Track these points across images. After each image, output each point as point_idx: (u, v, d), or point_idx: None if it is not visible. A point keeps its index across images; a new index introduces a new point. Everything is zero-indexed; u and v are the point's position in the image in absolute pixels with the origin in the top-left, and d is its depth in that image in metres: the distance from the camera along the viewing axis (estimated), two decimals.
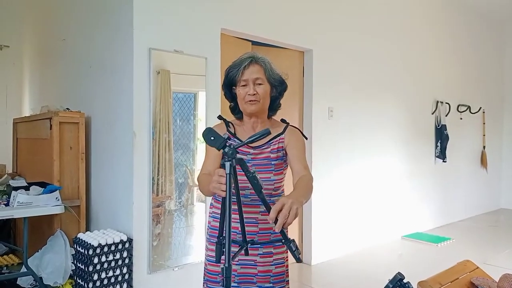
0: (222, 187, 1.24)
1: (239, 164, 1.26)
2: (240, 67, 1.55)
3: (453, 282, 1.75)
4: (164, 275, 2.88)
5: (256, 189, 1.27)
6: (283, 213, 1.16)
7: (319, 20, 3.99)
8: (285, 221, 1.16)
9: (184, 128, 3.04)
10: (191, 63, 3.05)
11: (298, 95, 4.00)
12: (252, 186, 1.27)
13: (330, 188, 4.10)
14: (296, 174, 1.53)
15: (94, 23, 3.27)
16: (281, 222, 1.16)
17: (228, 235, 1.16)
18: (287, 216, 1.16)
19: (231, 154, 1.23)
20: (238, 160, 1.25)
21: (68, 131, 3.07)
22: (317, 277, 3.72)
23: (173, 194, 2.98)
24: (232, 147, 1.24)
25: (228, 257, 1.14)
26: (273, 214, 1.17)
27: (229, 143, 1.24)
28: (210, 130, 1.26)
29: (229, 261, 1.14)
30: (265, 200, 1.30)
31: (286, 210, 1.17)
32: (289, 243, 1.26)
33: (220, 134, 1.25)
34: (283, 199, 1.21)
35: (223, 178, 1.24)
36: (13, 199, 2.72)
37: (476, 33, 6.40)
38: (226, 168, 1.23)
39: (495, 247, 4.65)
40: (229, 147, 1.23)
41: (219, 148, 1.24)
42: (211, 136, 1.25)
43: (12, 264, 3.25)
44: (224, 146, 1.24)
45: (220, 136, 1.24)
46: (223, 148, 1.24)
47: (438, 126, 5.58)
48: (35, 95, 4.82)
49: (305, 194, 1.39)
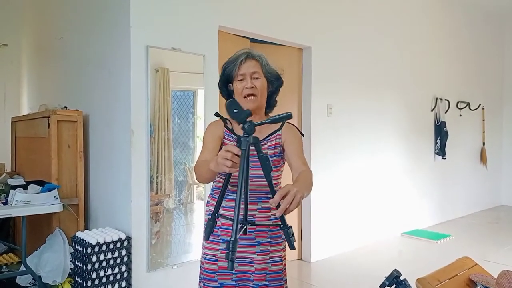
0: (227, 162, 1.22)
1: (254, 142, 1.25)
2: (237, 62, 1.55)
3: (451, 279, 1.75)
4: (163, 273, 2.87)
5: (266, 170, 1.28)
6: (287, 199, 1.18)
7: (318, 17, 3.98)
8: (287, 207, 1.18)
9: (183, 126, 3.04)
10: (189, 61, 3.04)
11: (297, 92, 3.99)
12: (262, 167, 1.28)
13: (329, 185, 4.10)
14: (295, 170, 1.53)
15: (92, 21, 3.26)
16: (283, 207, 1.18)
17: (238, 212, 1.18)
18: (290, 202, 1.18)
19: (249, 131, 1.23)
20: (254, 139, 1.25)
21: (66, 130, 3.06)
22: (317, 275, 3.72)
23: (172, 192, 2.97)
24: (252, 123, 1.23)
25: (236, 232, 1.15)
26: (277, 197, 1.19)
27: (249, 119, 1.24)
28: (234, 102, 1.26)
29: (236, 236, 1.15)
30: (272, 184, 1.30)
31: (291, 196, 1.19)
32: (287, 229, 1.29)
33: (243, 108, 1.25)
34: (288, 186, 1.23)
35: (229, 153, 1.22)
36: (11, 197, 2.72)
37: (475, 29, 6.39)
38: (243, 144, 1.23)
39: (495, 243, 4.65)
40: (249, 123, 1.23)
41: (240, 121, 1.25)
42: (235, 109, 1.25)
43: (11, 263, 3.25)
44: (245, 121, 1.24)
45: (243, 110, 1.24)
46: (244, 123, 1.24)
47: (438, 123, 5.57)
48: (33, 93, 4.81)
49: (307, 187, 1.41)
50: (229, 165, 1.22)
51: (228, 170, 1.24)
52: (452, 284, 1.73)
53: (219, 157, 1.25)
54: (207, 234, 1.43)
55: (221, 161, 1.24)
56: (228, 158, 1.22)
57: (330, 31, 4.10)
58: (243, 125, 1.24)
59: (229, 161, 1.22)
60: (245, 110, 1.25)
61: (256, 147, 1.27)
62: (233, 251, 1.14)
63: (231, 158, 1.22)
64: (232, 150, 1.23)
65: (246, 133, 1.23)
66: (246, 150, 1.23)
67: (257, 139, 1.27)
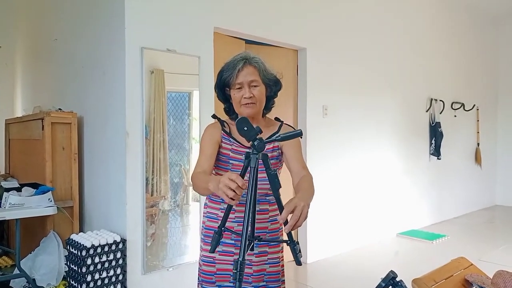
0: (229, 193, 1.16)
1: (262, 159, 1.25)
2: (234, 71, 1.52)
3: (447, 279, 1.76)
4: (158, 275, 2.86)
5: (275, 187, 1.27)
6: (296, 214, 1.18)
7: (313, 19, 3.98)
8: (295, 223, 1.17)
9: (178, 128, 3.02)
10: (184, 62, 3.03)
11: (293, 94, 3.99)
12: (270, 183, 1.27)
13: (325, 186, 4.10)
14: (295, 175, 1.51)
15: (86, 22, 3.24)
16: (292, 224, 1.18)
17: (246, 229, 1.17)
18: (298, 218, 1.18)
19: (259, 148, 1.22)
20: (263, 156, 1.25)
21: (60, 132, 3.04)
22: (313, 276, 3.71)
23: (167, 194, 2.96)
24: (262, 141, 1.23)
25: (244, 251, 1.14)
26: (285, 214, 1.18)
27: (259, 136, 1.23)
28: (244, 120, 1.23)
29: (244, 255, 1.14)
30: (280, 200, 1.29)
31: (298, 211, 1.18)
32: (294, 245, 1.29)
33: (253, 126, 1.23)
34: (295, 200, 1.21)
35: (234, 184, 1.16)
36: (5, 200, 2.69)
37: (470, 30, 6.42)
38: (252, 161, 1.22)
39: (490, 243, 4.67)
40: (259, 140, 1.22)
41: (249, 140, 1.24)
42: (245, 126, 1.23)
43: (5, 266, 3.21)
44: (255, 138, 1.23)
45: (253, 128, 1.23)
46: (253, 141, 1.23)
47: (433, 124, 5.59)
48: (27, 95, 4.78)
49: (311, 195, 1.40)
50: (230, 195, 1.16)
51: (228, 201, 1.18)
52: (448, 285, 1.73)
53: (221, 184, 1.18)
54: (213, 247, 1.38)
55: (223, 188, 1.18)
56: (231, 188, 1.16)
57: (325, 32, 4.11)
58: (252, 143, 1.22)
59: (232, 191, 1.16)
60: (255, 128, 1.23)
61: (265, 163, 1.26)
62: (241, 272, 1.13)
63: (235, 189, 1.16)
64: (237, 181, 1.17)
65: (256, 150, 1.22)
66: (255, 168, 1.22)
67: (266, 156, 1.26)
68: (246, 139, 1.24)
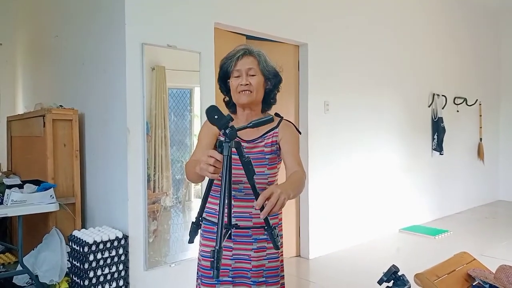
0: (210, 168, 1.22)
1: (235, 147, 1.25)
2: (233, 58, 1.54)
3: (450, 274, 1.75)
4: (161, 271, 2.86)
5: (249, 174, 1.28)
6: (271, 201, 1.18)
7: (314, 14, 3.96)
8: (271, 209, 1.18)
9: (179, 124, 3.02)
10: (185, 59, 3.03)
11: (294, 89, 3.98)
12: (245, 171, 1.28)
13: (327, 182, 4.09)
14: (289, 170, 1.52)
15: (86, 19, 3.23)
16: (267, 210, 1.18)
17: (222, 218, 1.18)
18: (274, 205, 1.18)
19: (231, 136, 1.22)
20: (236, 143, 1.25)
21: (61, 129, 3.04)
22: (315, 271, 3.72)
23: (169, 190, 2.96)
24: (233, 128, 1.23)
25: (220, 239, 1.15)
26: (260, 200, 1.19)
27: (230, 125, 1.24)
28: (214, 108, 1.24)
29: (220, 244, 1.15)
30: (255, 187, 1.31)
31: (275, 198, 1.18)
32: (270, 230, 1.31)
33: (223, 114, 1.24)
34: (273, 187, 1.23)
35: (212, 159, 1.22)
36: (7, 197, 2.69)
37: (472, 24, 6.38)
38: (225, 150, 1.22)
39: (493, 238, 4.66)
40: (230, 129, 1.23)
41: (221, 128, 1.24)
42: (215, 115, 1.23)
43: (8, 263, 3.23)
44: (226, 126, 1.23)
45: (223, 116, 1.24)
46: (225, 129, 1.23)
47: (435, 119, 5.57)
48: (28, 92, 4.78)
49: (295, 188, 1.39)
50: (211, 171, 1.22)
51: (210, 176, 1.23)
52: (450, 279, 1.73)
53: (201, 162, 1.24)
54: (191, 238, 1.42)
55: (203, 166, 1.23)
56: (210, 163, 1.22)
57: (326, 27, 4.09)
58: (224, 131, 1.23)
59: (212, 166, 1.21)
60: (225, 116, 1.23)
61: (238, 151, 1.27)
62: (218, 260, 1.13)
63: (213, 164, 1.22)
64: (214, 155, 1.22)
65: (228, 138, 1.22)
66: (227, 156, 1.22)
67: (238, 144, 1.26)
68: (217, 127, 1.24)
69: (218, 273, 1.14)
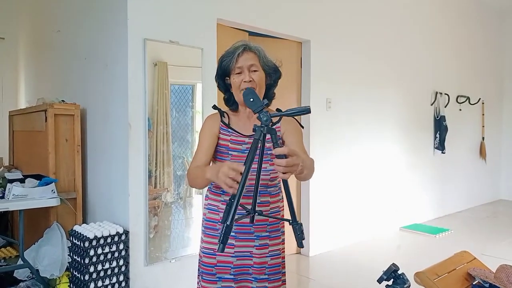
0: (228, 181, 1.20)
1: (269, 133, 1.22)
2: (234, 55, 1.52)
3: (450, 273, 1.75)
4: (161, 267, 2.87)
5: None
6: (289, 160, 1.17)
7: (317, 11, 3.94)
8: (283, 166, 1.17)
9: (181, 120, 3.02)
10: (187, 55, 3.02)
11: (296, 86, 3.97)
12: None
13: (328, 179, 4.09)
14: None
15: (89, 14, 3.23)
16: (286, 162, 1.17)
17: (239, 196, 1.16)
18: (290, 164, 1.18)
19: (265, 121, 1.21)
20: (269, 129, 1.22)
21: (63, 123, 3.04)
22: (315, 269, 3.72)
23: (170, 186, 2.96)
24: (268, 114, 1.22)
25: (232, 216, 1.15)
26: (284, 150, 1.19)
27: (266, 109, 1.23)
28: (251, 91, 1.27)
29: (232, 220, 1.15)
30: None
31: (293, 160, 1.18)
32: (296, 225, 1.29)
33: (259, 97, 1.24)
34: (298, 151, 1.24)
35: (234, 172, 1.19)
36: (9, 191, 2.70)
37: (475, 23, 6.35)
38: (256, 133, 1.21)
39: (493, 238, 4.66)
40: (265, 113, 1.21)
41: (255, 111, 1.24)
42: (251, 98, 1.25)
43: (9, 257, 3.25)
44: (261, 110, 1.23)
45: (259, 100, 1.25)
46: (260, 113, 1.22)
47: (437, 117, 5.56)
48: (30, 87, 4.79)
49: (309, 167, 1.41)
50: (229, 184, 1.20)
51: (227, 189, 1.22)
52: (451, 278, 1.73)
53: (220, 173, 1.22)
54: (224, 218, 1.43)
55: (222, 177, 1.22)
56: (231, 176, 1.20)
57: (329, 24, 4.07)
58: (259, 115, 1.22)
59: (230, 180, 1.20)
60: (261, 100, 1.25)
61: (272, 138, 1.23)
62: (225, 235, 1.13)
63: (234, 177, 1.20)
64: (238, 169, 1.20)
65: (262, 124, 1.21)
66: (258, 140, 1.21)
67: (272, 130, 1.22)
68: (252, 110, 1.25)
69: (224, 247, 1.14)
